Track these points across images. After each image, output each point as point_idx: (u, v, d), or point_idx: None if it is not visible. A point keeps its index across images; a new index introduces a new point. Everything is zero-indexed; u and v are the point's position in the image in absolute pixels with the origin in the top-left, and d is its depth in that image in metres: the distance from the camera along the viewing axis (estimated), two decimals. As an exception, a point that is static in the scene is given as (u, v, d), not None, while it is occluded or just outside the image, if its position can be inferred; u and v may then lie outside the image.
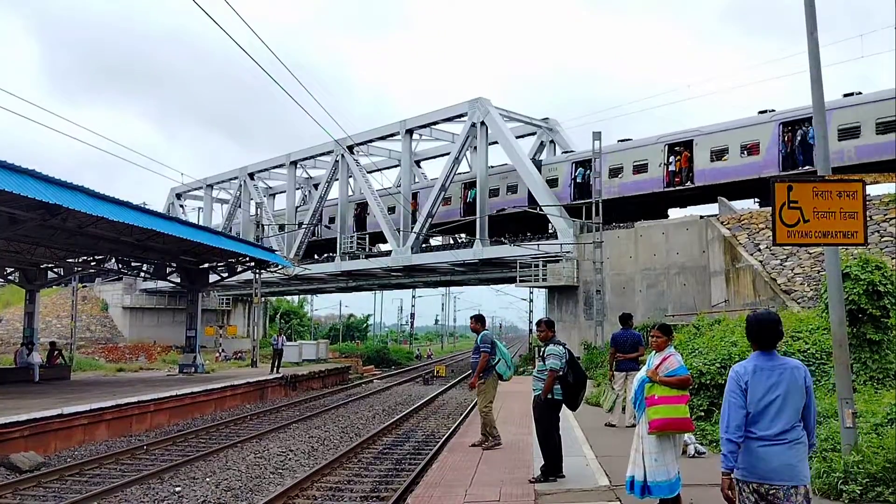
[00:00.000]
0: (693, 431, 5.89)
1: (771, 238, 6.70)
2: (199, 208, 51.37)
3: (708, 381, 10.63)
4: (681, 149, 26.32)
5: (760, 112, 24.83)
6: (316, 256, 42.78)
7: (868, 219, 14.31)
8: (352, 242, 36.88)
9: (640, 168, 27.29)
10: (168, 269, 28.18)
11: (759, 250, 20.20)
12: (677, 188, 26.43)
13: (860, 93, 22.42)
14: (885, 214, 18.32)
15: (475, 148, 32.86)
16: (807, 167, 22.15)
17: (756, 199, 25.45)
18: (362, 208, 39.03)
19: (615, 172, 27.88)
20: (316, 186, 43.03)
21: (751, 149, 24.21)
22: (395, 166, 39.84)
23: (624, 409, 11.74)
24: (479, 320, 10.76)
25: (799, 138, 23.24)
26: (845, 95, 22.55)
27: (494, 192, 32.58)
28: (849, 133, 22.08)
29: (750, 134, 24.35)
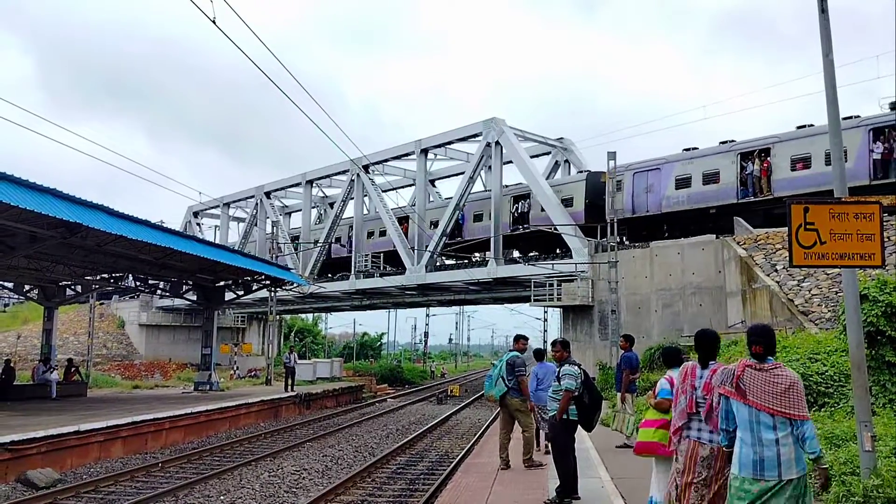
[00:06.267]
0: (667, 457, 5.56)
1: (787, 259, 6.64)
2: (216, 226, 51.86)
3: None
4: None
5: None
6: (330, 275, 42.93)
7: (886, 240, 14.21)
8: (366, 260, 37.05)
9: None
10: (184, 287, 28.39)
11: (776, 271, 20.04)
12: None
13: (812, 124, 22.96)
14: (904, 235, 18.14)
15: (490, 167, 32.99)
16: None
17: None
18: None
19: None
20: (331, 205, 43.31)
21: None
22: (411, 185, 40.05)
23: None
24: (517, 339, 11.28)
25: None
26: (798, 127, 23.32)
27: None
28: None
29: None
